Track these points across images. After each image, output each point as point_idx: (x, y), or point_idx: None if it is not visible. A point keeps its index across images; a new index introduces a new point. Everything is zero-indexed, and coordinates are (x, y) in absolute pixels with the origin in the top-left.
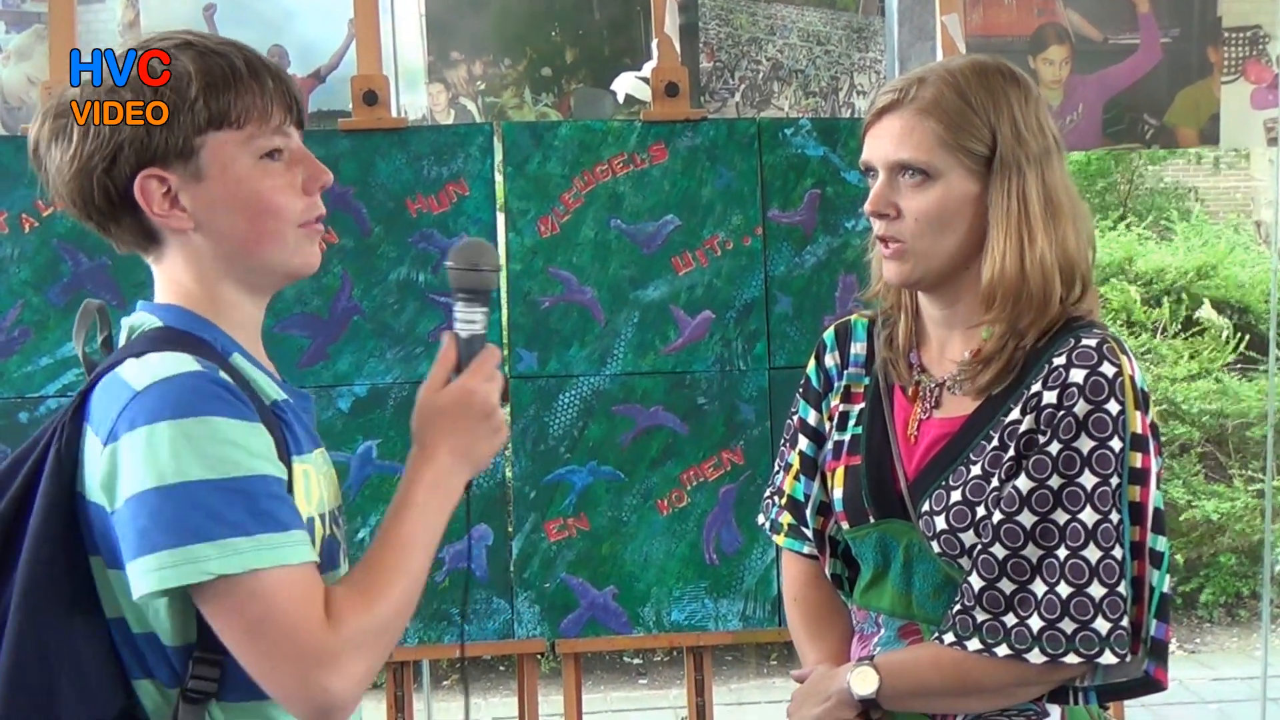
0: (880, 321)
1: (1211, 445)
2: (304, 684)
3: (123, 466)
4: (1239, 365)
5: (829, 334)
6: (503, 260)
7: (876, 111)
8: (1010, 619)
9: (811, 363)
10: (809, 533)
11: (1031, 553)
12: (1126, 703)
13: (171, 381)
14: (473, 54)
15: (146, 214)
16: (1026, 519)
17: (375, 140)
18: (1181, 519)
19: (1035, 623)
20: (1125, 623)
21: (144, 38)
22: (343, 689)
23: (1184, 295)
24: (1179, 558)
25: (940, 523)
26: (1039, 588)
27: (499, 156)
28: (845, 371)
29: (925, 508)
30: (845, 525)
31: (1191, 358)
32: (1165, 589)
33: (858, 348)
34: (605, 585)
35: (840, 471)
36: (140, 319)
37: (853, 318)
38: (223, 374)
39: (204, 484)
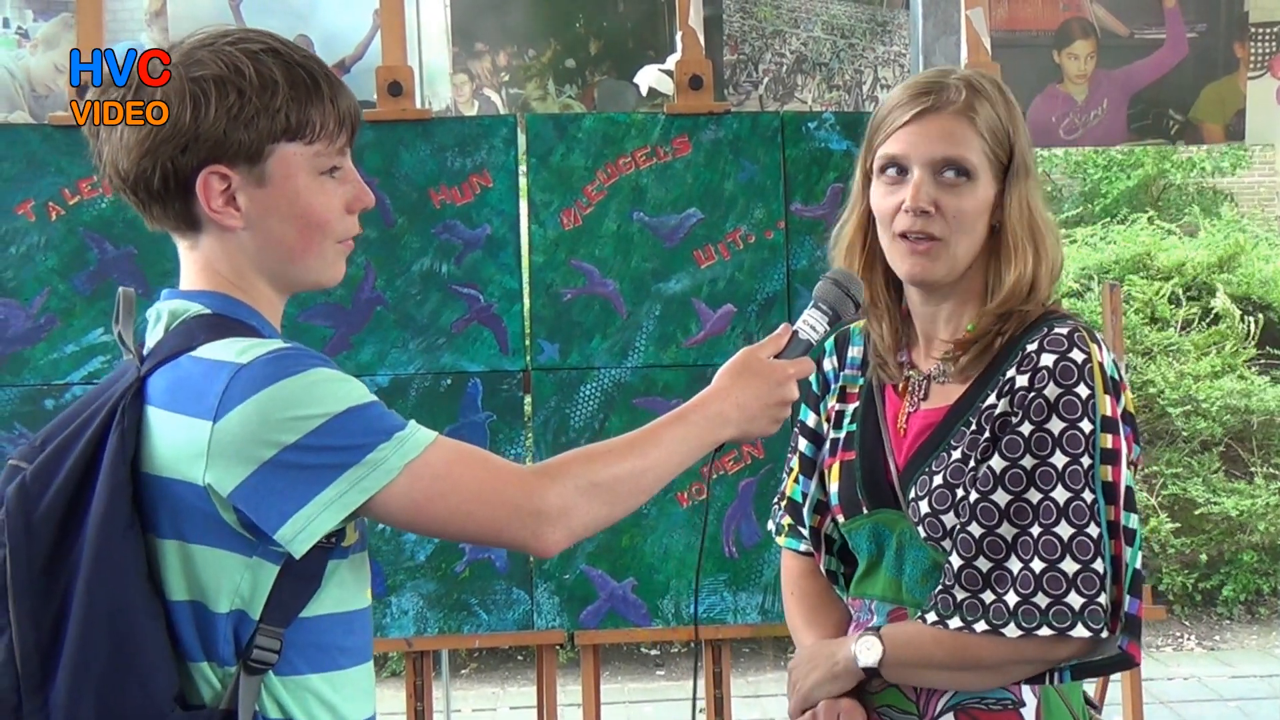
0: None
1: (1234, 442)
2: (524, 498)
3: (250, 432)
4: (1260, 361)
5: (829, 341)
6: (525, 252)
7: (918, 112)
8: (988, 596)
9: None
10: (805, 531)
11: (1006, 531)
12: (1145, 700)
13: (272, 352)
14: (497, 45)
15: (200, 205)
16: (1001, 498)
17: (399, 131)
18: (1201, 515)
19: (1011, 598)
20: (1102, 599)
21: (224, 31)
22: (555, 511)
23: (1203, 291)
24: (1203, 555)
25: (924, 507)
26: (1014, 564)
27: (522, 148)
28: (842, 374)
29: (912, 494)
30: (841, 519)
31: (1217, 353)
32: (1137, 565)
33: (854, 351)
34: (625, 577)
35: (836, 467)
36: (181, 305)
37: (852, 325)
38: None
39: (341, 415)
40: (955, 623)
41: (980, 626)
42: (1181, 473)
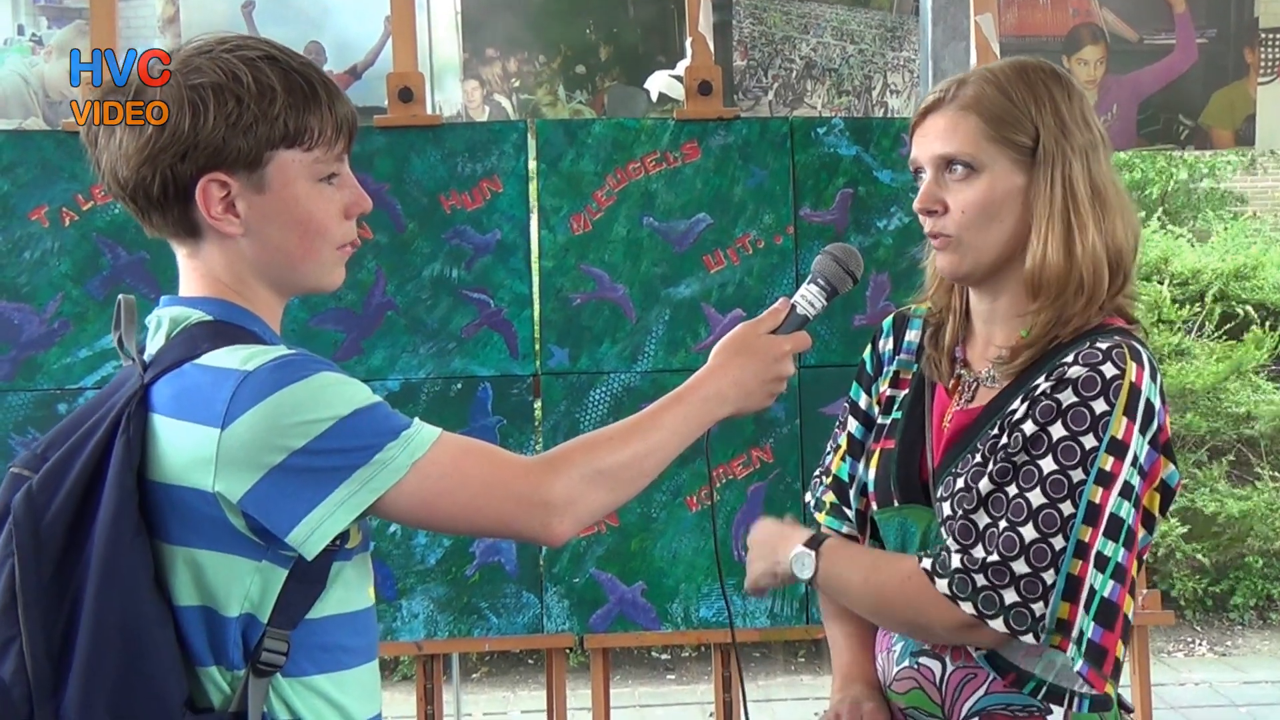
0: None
1: (1243, 447)
2: (530, 490)
3: (258, 439)
4: (1274, 367)
5: (887, 321)
6: (535, 257)
7: (921, 112)
8: (951, 549)
9: (868, 348)
10: (850, 513)
11: (979, 519)
12: (1155, 705)
13: (277, 358)
14: (507, 51)
15: (199, 212)
16: (984, 486)
17: (410, 137)
18: (1211, 520)
19: (955, 562)
20: (1037, 606)
21: (221, 39)
22: (562, 501)
23: (1221, 297)
24: (1206, 560)
25: (946, 508)
26: (978, 551)
27: (533, 153)
28: (897, 357)
29: (940, 493)
30: (874, 506)
31: (1227, 358)
32: (1107, 594)
33: (912, 335)
34: (634, 581)
35: (876, 454)
36: (182, 312)
37: (913, 307)
38: None
39: (348, 418)
40: (926, 564)
41: (926, 564)
42: (1192, 479)
